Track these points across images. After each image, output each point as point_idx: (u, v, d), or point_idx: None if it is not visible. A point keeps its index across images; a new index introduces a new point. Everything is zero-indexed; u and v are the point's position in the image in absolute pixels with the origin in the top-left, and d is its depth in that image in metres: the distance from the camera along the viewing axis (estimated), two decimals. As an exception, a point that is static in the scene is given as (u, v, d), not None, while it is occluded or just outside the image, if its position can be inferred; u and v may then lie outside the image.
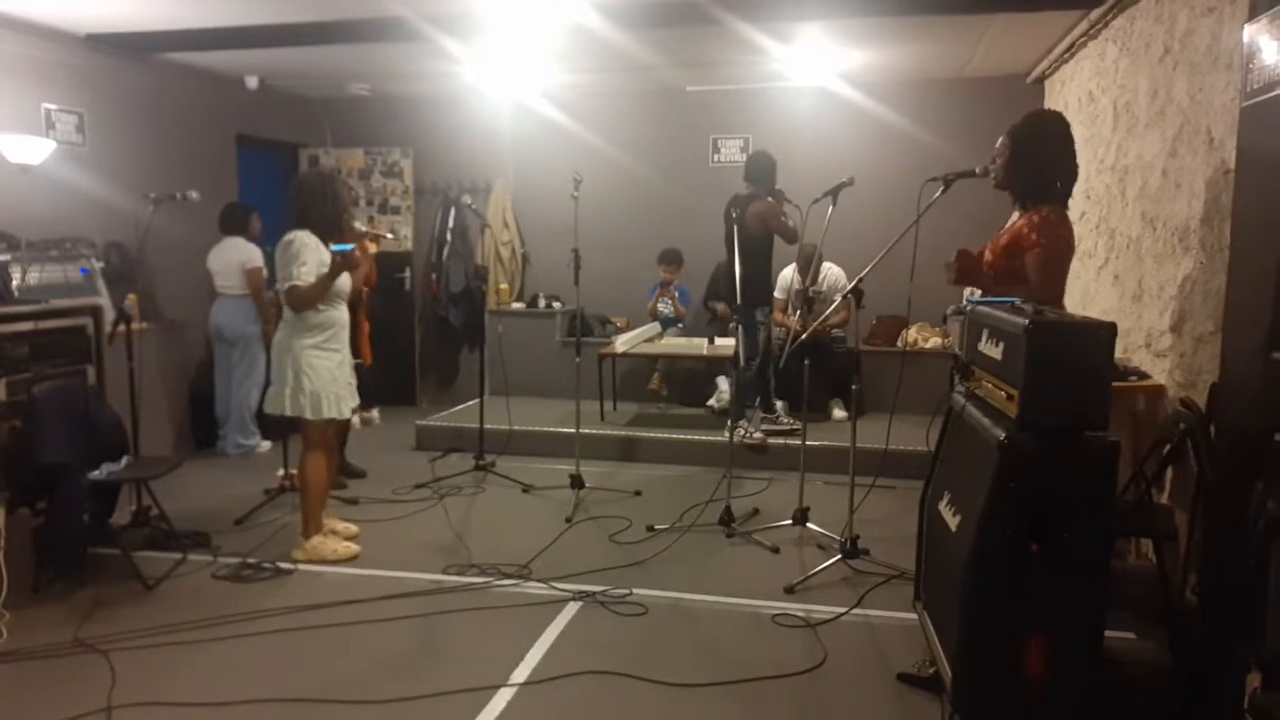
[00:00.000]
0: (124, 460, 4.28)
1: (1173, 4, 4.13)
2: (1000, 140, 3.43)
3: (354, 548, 4.38)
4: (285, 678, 3.16)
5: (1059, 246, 3.23)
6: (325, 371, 4.19)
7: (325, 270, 4.14)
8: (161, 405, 6.01)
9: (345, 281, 4.26)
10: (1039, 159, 3.31)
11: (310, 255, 4.13)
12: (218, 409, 6.32)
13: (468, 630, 3.56)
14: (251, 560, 4.18)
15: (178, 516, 4.46)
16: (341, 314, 4.30)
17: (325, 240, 4.22)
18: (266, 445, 6.33)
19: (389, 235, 5.35)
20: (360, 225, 4.74)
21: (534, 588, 3.94)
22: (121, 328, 4.55)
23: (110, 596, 3.82)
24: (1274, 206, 2.54)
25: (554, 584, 3.95)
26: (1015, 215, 3.46)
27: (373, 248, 5.29)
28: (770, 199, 5.82)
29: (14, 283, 4.69)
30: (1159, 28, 4.30)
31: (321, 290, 4.12)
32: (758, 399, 6.22)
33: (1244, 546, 2.43)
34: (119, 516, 4.38)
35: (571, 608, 3.73)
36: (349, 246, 4.19)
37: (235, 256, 6.08)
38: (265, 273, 6.10)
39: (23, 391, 4.03)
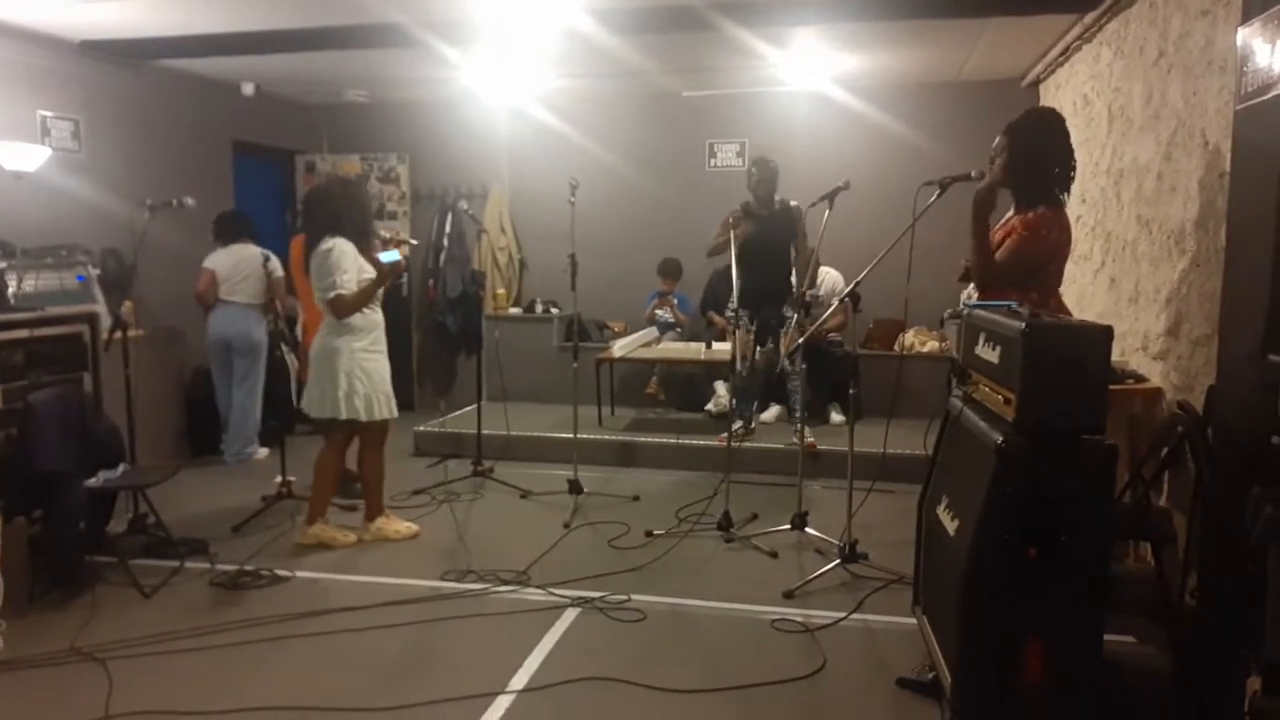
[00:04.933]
0: (121, 468, 4.27)
1: (1166, 7, 4.14)
2: (997, 139, 3.44)
3: (414, 527, 4.69)
4: (283, 686, 3.15)
5: (1037, 241, 3.26)
6: (375, 373, 4.41)
7: (364, 276, 4.30)
8: (158, 412, 6.00)
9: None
10: (1037, 155, 3.32)
11: (350, 263, 4.29)
12: (223, 415, 6.27)
13: (466, 637, 3.55)
14: (249, 567, 4.17)
15: (175, 524, 4.45)
16: (380, 316, 4.50)
17: (358, 245, 4.35)
18: (264, 452, 6.31)
19: (413, 241, 5.38)
20: (384, 232, 4.78)
21: (532, 594, 3.93)
22: (118, 335, 4.55)
23: (107, 604, 3.81)
24: (1268, 209, 2.54)
25: (552, 590, 3.94)
26: (1010, 213, 3.47)
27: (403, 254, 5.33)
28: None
29: (10, 290, 4.68)
30: (1153, 31, 4.31)
31: (367, 297, 4.32)
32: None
33: (1243, 550, 2.43)
34: (116, 524, 4.37)
35: (570, 614, 3.72)
36: (396, 255, 4.37)
37: (255, 261, 5.94)
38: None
39: (19, 399, 4.01)
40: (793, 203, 5.67)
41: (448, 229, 8.04)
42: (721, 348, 6.63)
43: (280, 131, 8.00)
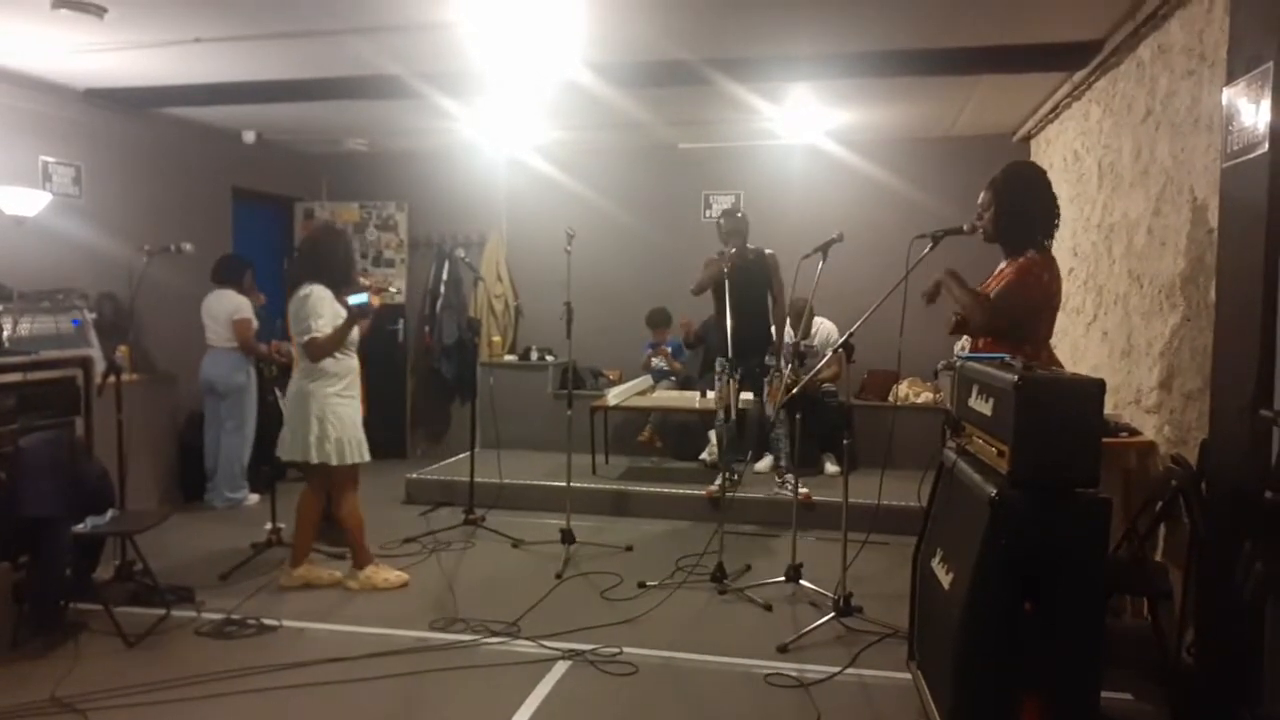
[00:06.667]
0: (109, 513, 4.22)
1: (1153, 67, 4.23)
2: (982, 195, 3.51)
3: (404, 575, 4.62)
4: (266, 739, 3.09)
5: (1029, 283, 3.30)
6: (347, 418, 4.41)
7: (340, 321, 4.34)
8: (150, 457, 5.96)
9: (356, 331, 4.45)
10: (1021, 206, 3.39)
11: (326, 308, 4.34)
12: (207, 462, 6.26)
13: (454, 690, 3.49)
14: (236, 616, 4.11)
15: (163, 571, 4.39)
16: (355, 362, 4.52)
17: (336, 292, 4.40)
18: (254, 498, 6.26)
19: (393, 290, 5.40)
20: (364, 279, 4.83)
21: (522, 646, 3.88)
22: (111, 379, 4.53)
23: (90, 653, 3.75)
24: (1256, 265, 2.57)
25: (543, 642, 3.88)
26: (1002, 264, 3.51)
27: (376, 301, 5.34)
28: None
29: (4, 334, 4.68)
30: (1140, 90, 4.40)
31: (339, 340, 4.34)
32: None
33: (1238, 606, 2.41)
34: (103, 571, 4.32)
35: (560, 667, 3.66)
36: (364, 297, 4.38)
37: (224, 308, 6.05)
38: (255, 324, 6.09)
39: (9, 443, 3.99)
40: (767, 251, 5.71)
41: (445, 276, 8.10)
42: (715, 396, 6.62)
43: (280, 179, 8.07)
